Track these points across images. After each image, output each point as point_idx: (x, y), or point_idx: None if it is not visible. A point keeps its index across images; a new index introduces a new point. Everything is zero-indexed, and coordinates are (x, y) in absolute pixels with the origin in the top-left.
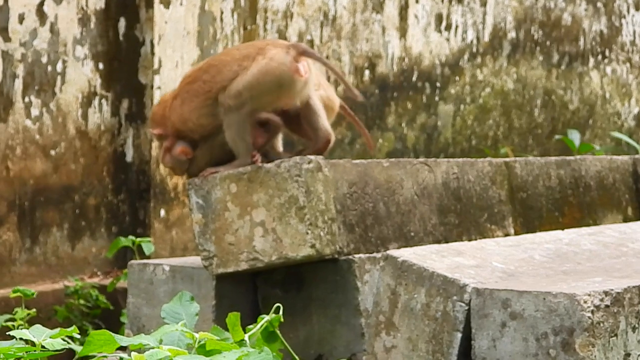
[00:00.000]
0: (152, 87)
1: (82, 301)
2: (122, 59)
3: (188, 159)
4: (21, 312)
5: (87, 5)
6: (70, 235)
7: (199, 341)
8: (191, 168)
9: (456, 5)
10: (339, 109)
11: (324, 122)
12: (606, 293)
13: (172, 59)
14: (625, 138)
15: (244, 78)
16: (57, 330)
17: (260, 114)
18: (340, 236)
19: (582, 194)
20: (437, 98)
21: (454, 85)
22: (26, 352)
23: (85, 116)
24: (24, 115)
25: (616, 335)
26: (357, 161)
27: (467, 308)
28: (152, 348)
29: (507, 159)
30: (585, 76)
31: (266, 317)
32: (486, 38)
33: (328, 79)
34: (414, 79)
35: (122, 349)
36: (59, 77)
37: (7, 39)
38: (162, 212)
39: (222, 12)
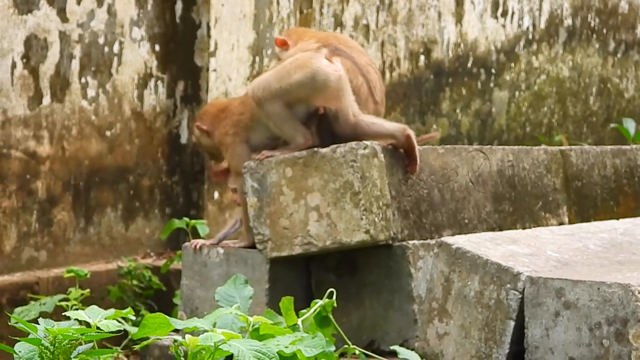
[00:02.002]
0: (207, 69)
1: (135, 282)
2: (178, 41)
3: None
4: (75, 292)
5: None
6: (124, 215)
7: (253, 325)
8: None
9: None
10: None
11: (388, 124)
12: None
13: (228, 41)
14: None
15: (275, 69)
16: (113, 311)
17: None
18: (395, 222)
19: (637, 184)
20: (492, 84)
21: (509, 71)
22: (82, 333)
23: (140, 97)
24: (80, 95)
25: None
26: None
27: (520, 296)
28: (206, 331)
29: (562, 147)
30: None
31: (319, 302)
32: (542, 25)
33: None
34: (469, 65)
35: (176, 331)
36: (115, 59)
37: (64, 20)
38: (216, 195)
39: None
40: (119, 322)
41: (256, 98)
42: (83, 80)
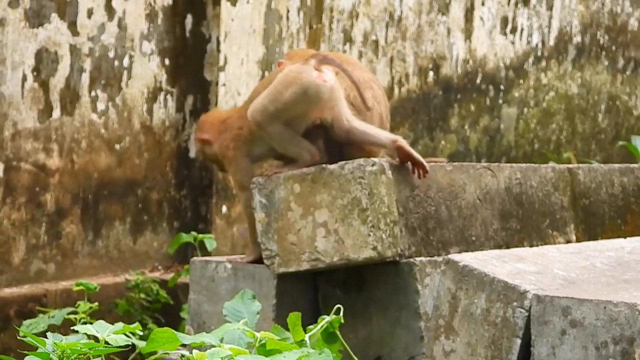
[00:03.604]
0: (217, 83)
1: (142, 295)
2: (188, 55)
3: None
4: (83, 306)
5: (154, 1)
6: (133, 229)
7: (260, 340)
8: None
9: (522, 8)
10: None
11: (380, 133)
12: None
13: (238, 56)
14: None
15: (267, 91)
16: (121, 325)
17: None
18: (402, 239)
19: None
20: (500, 101)
21: (518, 88)
22: (90, 348)
23: (150, 111)
24: (90, 109)
25: None
26: None
27: (527, 314)
28: (214, 346)
29: (570, 166)
30: None
31: (327, 318)
32: (551, 42)
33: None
34: (478, 81)
35: (184, 345)
36: (125, 72)
37: (75, 33)
38: (224, 209)
39: (288, 11)
40: (127, 336)
41: (256, 122)
42: (93, 93)
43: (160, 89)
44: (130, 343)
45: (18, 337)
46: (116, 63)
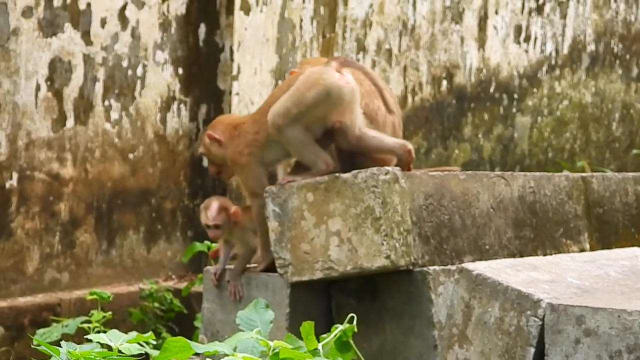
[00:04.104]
0: (230, 93)
1: (156, 304)
2: (202, 64)
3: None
4: (97, 315)
5: (168, 11)
6: (146, 238)
7: (273, 349)
8: None
9: (535, 17)
10: None
11: (389, 139)
12: None
13: (251, 65)
14: None
15: (289, 94)
16: (134, 334)
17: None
18: (416, 248)
19: None
20: (514, 109)
21: (531, 97)
22: (104, 357)
23: (163, 120)
24: (103, 118)
25: None
26: (434, 173)
27: (540, 323)
28: (227, 355)
29: (584, 174)
30: None
31: (340, 327)
32: (565, 50)
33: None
34: (491, 90)
35: (197, 354)
36: (138, 82)
37: (89, 43)
38: None
39: (301, 20)
40: (140, 345)
41: (276, 125)
42: (106, 103)
43: (173, 98)
44: (143, 352)
45: (32, 346)
46: (130, 72)
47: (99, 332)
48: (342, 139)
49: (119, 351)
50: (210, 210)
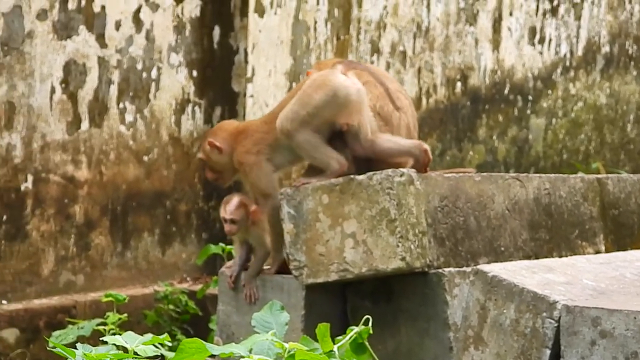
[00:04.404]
0: (244, 95)
1: (171, 306)
2: (216, 66)
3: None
4: (112, 317)
5: (182, 13)
6: (161, 240)
7: (289, 351)
8: None
9: (550, 18)
10: None
11: (403, 141)
12: None
13: (266, 67)
14: None
15: (296, 98)
16: (149, 336)
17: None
18: (431, 249)
19: None
20: (528, 111)
21: (546, 98)
22: (119, 358)
23: (178, 123)
24: (118, 121)
25: None
26: (449, 175)
27: (556, 325)
28: (242, 357)
29: (599, 176)
30: None
31: (355, 329)
32: (580, 52)
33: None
34: (506, 91)
35: (212, 356)
36: (153, 84)
37: (103, 46)
38: None
39: (315, 22)
40: (155, 347)
41: (285, 131)
42: (121, 105)
43: (188, 101)
44: (159, 354)
45: (48, 348)
46: (144, 75)
47: (114, 334)
48: (356, 144)
49: (135, 353)
50: (230, 204)
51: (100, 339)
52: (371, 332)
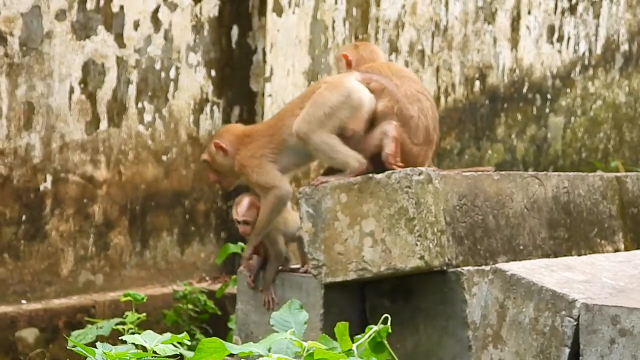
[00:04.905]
0: (263, 94)
1: (190, 306)
2: (234, 66)
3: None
4: (132, 316)
5: (200, 13)
6: (180, 240)
7: (307, 350)
8: None
9: (569, 17)
10: None
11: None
12: None
13: (284, 67)
14: None
15: (311, 101)
16: (169, 335)
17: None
18: (449, 248)
19: None
20: (547, 110)
21: (564, 97)
22: (139, 358)
23: (196, 122)
24: (137, 120)
25: None
26: (468, 173)
27: (575, 323)
28: (261, 356)
29: (618, 174)
30: None
31: (374, 328)
32: (598, 50)
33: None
34: (524, 90)
35: (231, 355)
36: (171, 84)
37: (122, 45)
38: None
39: (333, 21)
40: (174, 346)
41: (302, 134)
42: (140, 105)
43: (206, 100)
44: (178, 353)
45: (67, 348)
46: (163, 75)
47: (133, 333)
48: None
49: (154, 352)
50: (241, 206)
51: (120, 338)
52: (390, 331)
